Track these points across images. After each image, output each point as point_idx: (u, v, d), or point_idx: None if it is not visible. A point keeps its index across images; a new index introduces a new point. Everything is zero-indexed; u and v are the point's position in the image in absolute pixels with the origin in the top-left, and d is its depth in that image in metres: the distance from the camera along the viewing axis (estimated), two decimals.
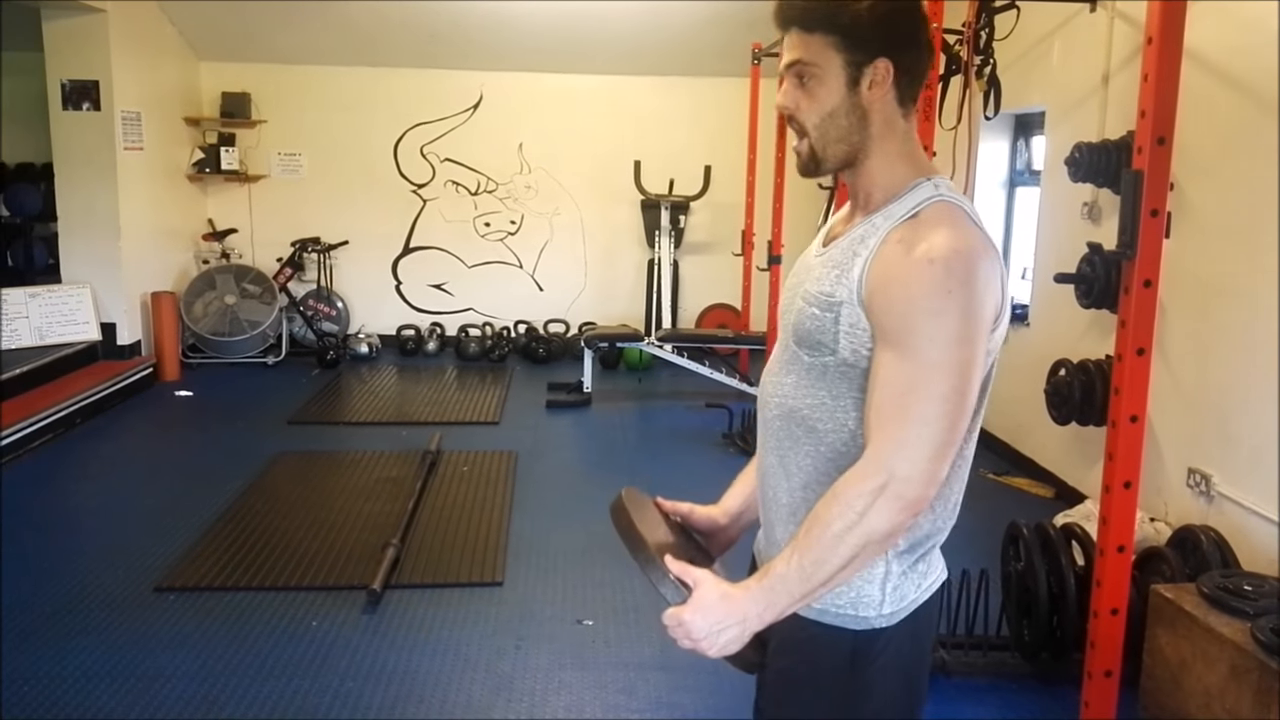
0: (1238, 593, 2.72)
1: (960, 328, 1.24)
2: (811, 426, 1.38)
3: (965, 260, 1.26)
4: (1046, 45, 5.00)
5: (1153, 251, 2.44)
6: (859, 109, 1.35)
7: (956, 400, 1.24)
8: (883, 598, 1.37)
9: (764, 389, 1.50)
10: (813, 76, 1.35)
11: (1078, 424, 4.29)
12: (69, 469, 5.16)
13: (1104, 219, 4.44)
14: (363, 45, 7.62)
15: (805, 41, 1.35)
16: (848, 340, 1.32)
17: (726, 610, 1.27)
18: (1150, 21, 2.28)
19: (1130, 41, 4.25)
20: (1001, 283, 1.31)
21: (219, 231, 7.75)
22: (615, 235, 8.26)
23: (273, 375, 7.31)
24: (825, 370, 1.36)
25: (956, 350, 1.24)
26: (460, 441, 5.58)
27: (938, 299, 1.24)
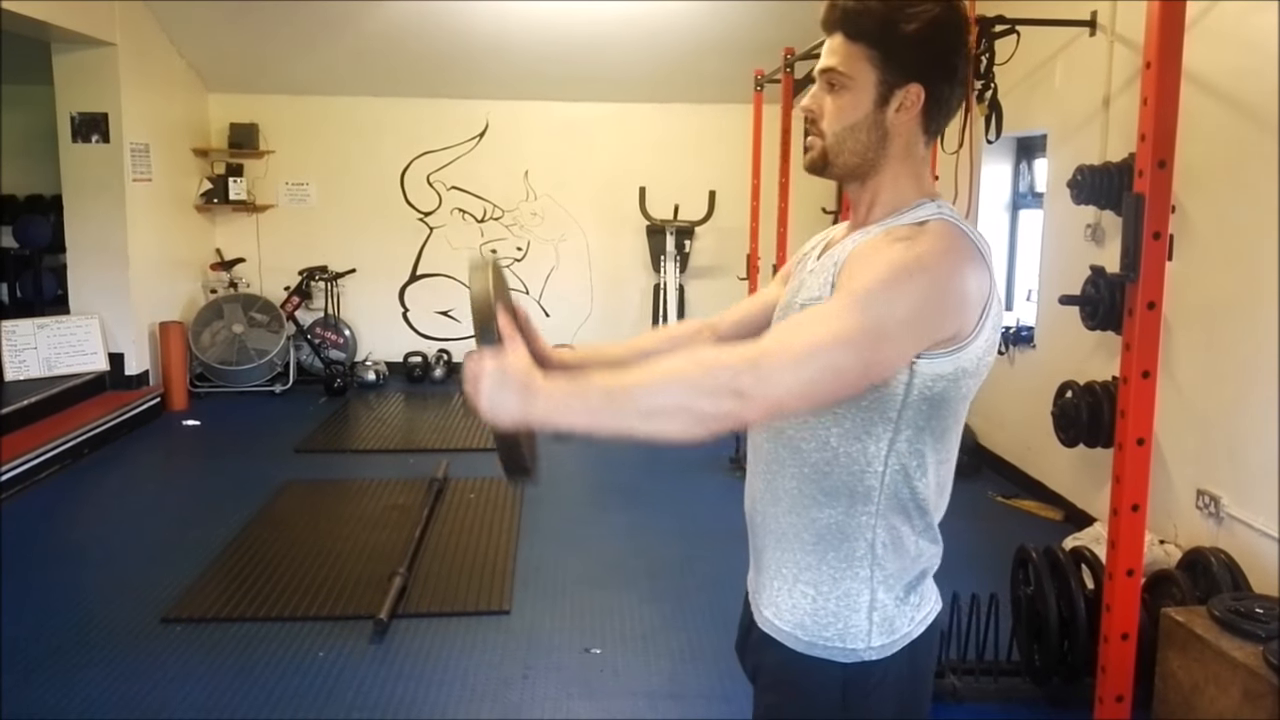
0: (1249, 615, 2.71)
1: (903, 309, 1.20)
2: (796, 446, 1.38)
3: (943, 261, 1.25)
4: (1047, 69, 5.02)
5: (1156, 274, 2.44)
6: (881, 128, 1.34)
7: (854, 364, 1.18)
8: (870, 628, 1.35)
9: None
10: (843, 87, 1.35)
11: (1085, 446, 4.28)
12: (76, 500, 5.18)
13: (1107, 240, 4.45)
14: (370, 75, 7.69)
15: (845, 50, 1.34)
16: None
17: (524, 377, 1.19)
18: (1148, 46, 2.29)
19: (1130, 64, 4.26)
20: (985, 305, 1.29)
21: (227, 261, 7.79)
22: (621, 260, 8.29)
23: (280, 404, 7.33)
24: None
25: (886, 322, 1.19)
26: (467, 468, 5.58)
27: (897, 273, 1.22)
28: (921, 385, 1.29)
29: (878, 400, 1.30)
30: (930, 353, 1.26)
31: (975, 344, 1.29)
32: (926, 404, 1.30)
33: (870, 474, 1.33)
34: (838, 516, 1.35)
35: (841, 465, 1.33)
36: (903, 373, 1.27)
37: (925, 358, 1.27)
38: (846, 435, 1.33)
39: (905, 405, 1.30)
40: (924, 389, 1.29)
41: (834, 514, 1.35)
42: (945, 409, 1.33)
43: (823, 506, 1.36)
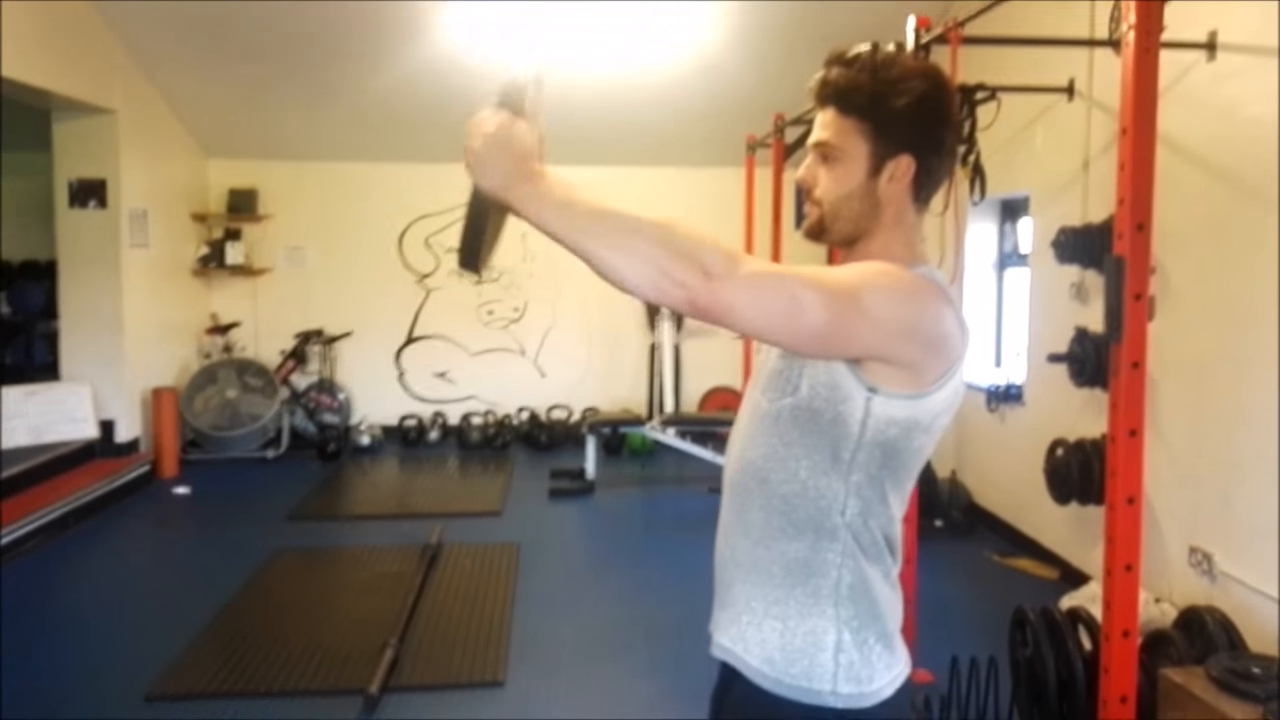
0: (1247, 676, 2.69)
1: (887, 304, 1.26)
2: (764, 478, 1.41)
3: (933, 302, 1.32)
4: (1028, 133, 5.12)
5: (1139, 334, 2.46)
6: (873, 197, 1.40)
7: (816, 311, 1.19)
8: (836, 669, 1.36)
9: (727, 452, 1.53)
10: (837, 159, 1.41)
11: (1078, 503, 4.28)
12: (61, 572, 5.10)
13: (1091, 299, 4.49)
14: (369, 140, 7.79)
15: (838, 123, 1.40)
16: (809, 377, 1.35)
17: (527, 151, 1.23)
18: (1124, 112, 2.35)
19: (1108, 129, 4.36)
20: (954, 365, 1.34)
21: (222, 326, 7.82)
22: (617, 320, 8.33)
23: (273, 470, 7.30)
24: (779, 415, 1.39)
25: (868, 301, 1.24)
26: (462, 534, 5.55)
27: (895, 284, 1.29)
28: (875, 428, 1.32)
29: (837, 436, 1.34)
30: (889, 391, 1.31)
31: (934, 398, 1.33)
32: (879, 450, 1.34)
33: (835, 511, 1.36)
34: (804, 551, 1.38)
35: (810, 499, 1.36)
36: (858, 410, 1.32)
37: (883, 395, 1.31)
38: (815, 469, 1.36)
39: (859, 446, 1.34)
40: (877, 432, 1.33)
41: (801, 548, 1.38)
42: (896, 460, 1.36)
43: (791, 539, 1.38)
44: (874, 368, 1.30)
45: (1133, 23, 2.30)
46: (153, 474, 6.85)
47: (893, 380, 1.30)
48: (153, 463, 6.89)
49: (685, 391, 8.10)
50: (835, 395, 1.33)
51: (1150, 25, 2.31)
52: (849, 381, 1.32)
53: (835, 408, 1.33)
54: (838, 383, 1.33)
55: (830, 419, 1.34)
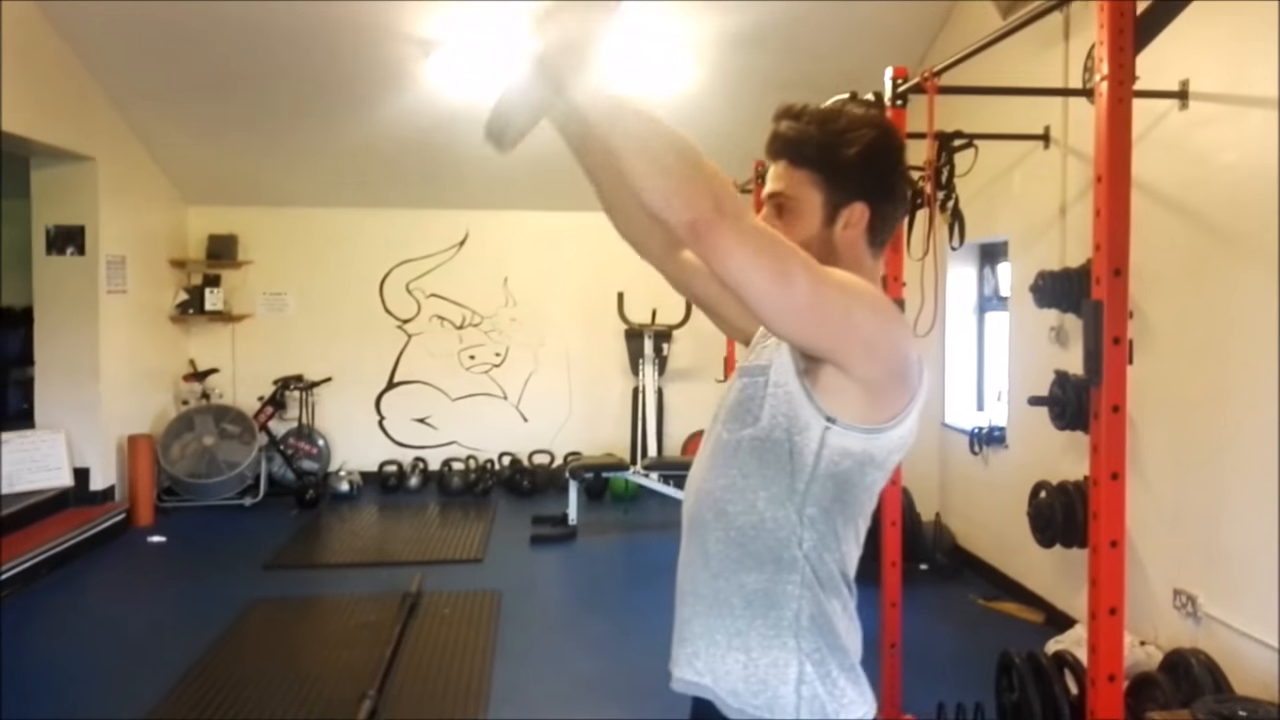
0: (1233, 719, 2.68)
1: (865, 312, 1.29)
2: (722, 509, 1.42)
3: (898, 323, 1.35)
4: (1006, 179, 5.18)
5: (1118, 378, 2.47)
6: (830, 245, 1.42)
7: (800, 281, 1.22)
8: (798, 702, 1.36)
9: (686, 486, 1.54)
10: (792, 210, 1.43)
11: (1062, 546, 4.28)
12: (34, 623, 4.99)
13: (1071, 342, 4.53)
14: (350, 187, 7.81)
15: (791, 175, 1.44)
16: (771, 405, 1.38)
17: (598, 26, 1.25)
18: (1099, 160, 2.37)
19: (1083, 175, 4.42)
20: (910, 402, 1.36)
21: (200, 372, 7.76)
22: (600, 365, 8.33)
23: (250, 517, 7.20)
24: (739, 447, 1.41)
25: (852, 294, 1.28)
26: (442, 581, 5.49)
27: (867, 284, 1.33)
28: (829, 459, 1.34)
29: (793, 467, 1.35)
30: (846, 423, 1.33)
31: (890, 434, 1.35)
32: (832, 482, 1.36)
33: (793, 543, 1.37)
34: (764, 582, 1.38)
35: (768, 530, 1.37)
36: (814, 441, 1.34)
37: (840, 426, 1.33)
38: (772, 500, 1.37)
39: (813, 478, 1.35)
40: (831, 464, 1.34)
41: (760, 579, 1.38)
42: (849, 494, 1.37)
43: (749, 570, 1.39)
44: (832, 390, 1.32)
45: (1106, 73, 2.33)
46: (127, 522, 6.76)
47: (850, 407, 1.32)
48: (128, 511, 6.80)
49: (668, 435, 8.08)
50: (793, 425, 1.35)
51: (1123, 75, 2.34)
52: (807, 410, 1.34)
53: (792, 438, 1.35)
54: (796, 412, 1.35)
55: (787, 449, 1.36)
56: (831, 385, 1.33)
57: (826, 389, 1.33)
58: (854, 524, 1.41)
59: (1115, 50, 2.35)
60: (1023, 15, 3.37)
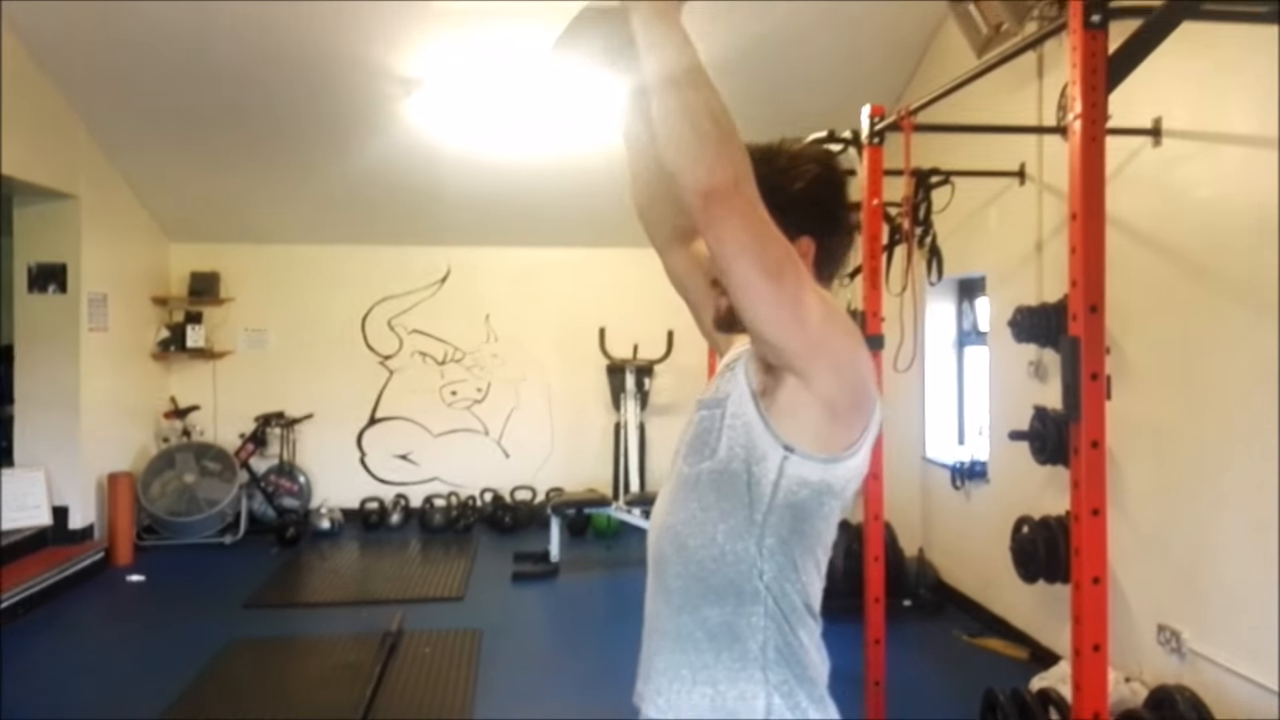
0: None
1: (836, 322, 1.33)
2: (682, 544, 1.42)
3: (864, 352, 1.37)
4: (983, 215, 5.23)
5: (1097, 413, 2.48)
6: None
7: (788, 278, 1.26)
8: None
9: (650, 522, 1.55)
10: None
11: (1045, 581, 4.27)
12: (11, 663, 4.89)
13: (1050, 377, 4.55)
14: (332, 224, 7.82)
15: None
16: (728, 436, 1.38)
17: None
18: (1073, 197, 2.40)
19: (1059, 211, 4.47)
20: (866, 428, 1.38)
21: (181, 409, 7.71)
22: (582, 400, 8.32)
23: (230, 556, 7.13)
24: (698, 480, 1.41)
25: (828, 307, 1.32)
26: (423, 620, 5.44)
27: (842, 310, 1.37)
28: (787, 488, 1.35)
29: (751, 498, 1.36)
30: (805, 451, 1.34)
31: (848, 464, 1.37)
32: (789, 511, 1.36)
33: (754, 574, 1.37)
34: (727, 615, 1.38)
35: (728, 564, 1.37)
36: (772, 471, 1.35)
37: (799, 455, 1.34)
38: (731, 533, 1.38)
39: (770, 509, 1.36)
40: (789, 494, 1.35)
41: (723, 612, 1.38)
42: (807, 524, 1.38)
43: (711, 605, 1.39)
44: (790, 411, 1.33)
45: (1079, 111, 2.36)
46: (106, 561, 6.69)
47: (808, 433, 1.33)
48: (107, 550, 6.73)
49: (650, 471, 8.04)
50: (751, 455, 1.36)
51: (1096, 114, 2.37)
52: (765, 440, 1.35)
53: (750, 468, 1.36)
54: (754, 442, 1.36)
55: (745, 481, 1.36)
56: (790, 406, 1.34)
57: (785, 412, 1.34)
58: (813, 554, 1.41)
59: (1088, 89, 2.39)
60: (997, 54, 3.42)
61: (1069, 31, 2.43)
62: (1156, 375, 3.85)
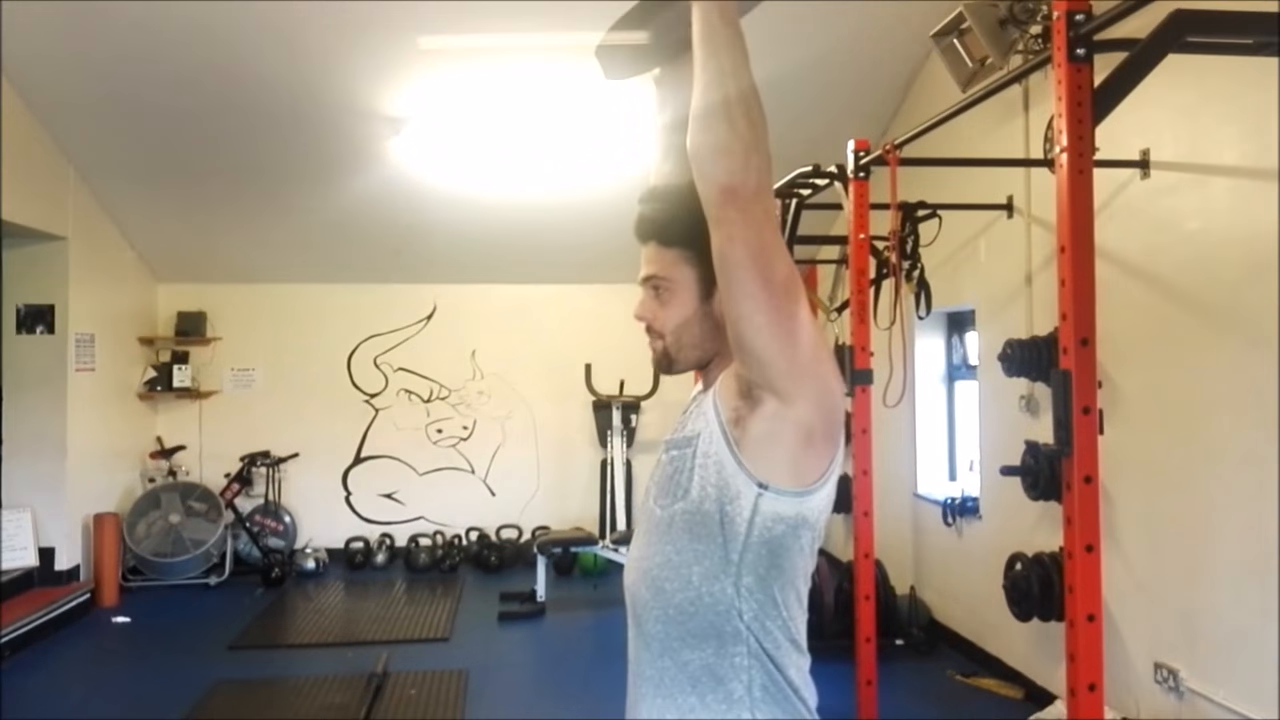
0: None
1: (823, 348, 1.33)
2: (659, 587, 1.39)
3: (838, 372, 1.38)
4: (971, 248, 5.22)
5: (1089, 448, 2.46)
6: (711, 319, 1.44)
7: (784, 284, 1.26)
8: None
9: (626, 564, 1.52)
10: (667, 290, 1.46)
11: (1040, 619, 4.22)
12: None
13: (1042, 411, 4.52)
14: (319, 263, 7.81)
15: (661, 256, 1.46)
16: (700, 477, 1.36)
17: None
18: (1061, 230, 2.39)
19: (1048, 243, 4.45)
20: (833, 460, 1.37)
21: (167, 449, 7.64)
22: (568, 437, 8.27)
23: (215, 597, 7.04)
24: (671, 522, 1.39)
25: (818, 333, 1.33)
26: (409, 661, 5.36)
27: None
28: (762, 525, 1.33)
29: (726, 537, 1.34)
30: (779, 487, 1.32)
31: (819, 494, 1.35)
32: (765, 548, 1.34)
33: (733, 615, 1.35)
34: (709, 658, 1.36)
35: (705, 605, 1.35)
36: (746, 509, 1.33)
37: (773, 491, 1.32)
38: (707, 574, 1.35)
39: (746, 546, 1.33)
40: (764, 530, 1.33)
41: (704, 655, 1.36)
42: (784, 559, 1.36)
43: (692, 648, 1.37)
44: (763, 441, 1.32)
45: (1065, 144, 2.36)
46: (92, 603, 6.61)
47: (781, 466, 1.32)
48: (92, 591, 6.65)
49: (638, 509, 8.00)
50: (724, 495, 1.34)
51: (1083, 146, 2.37)
52: (738, 478, 1.33)
53: (723, 508, 1.34)
54: (727, 481, 1.34)
55: (718, 520, 1.34)
56: (764, 434, 1.32)
57: (758, 442, 1.33)
58: (793, 587, 1.39)
59: (1074, 122, 2.39)
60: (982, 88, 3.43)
61: (1054, 65, 2.44)
62: (1149, 408, 3.82)
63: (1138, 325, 3.83)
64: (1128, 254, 3.88)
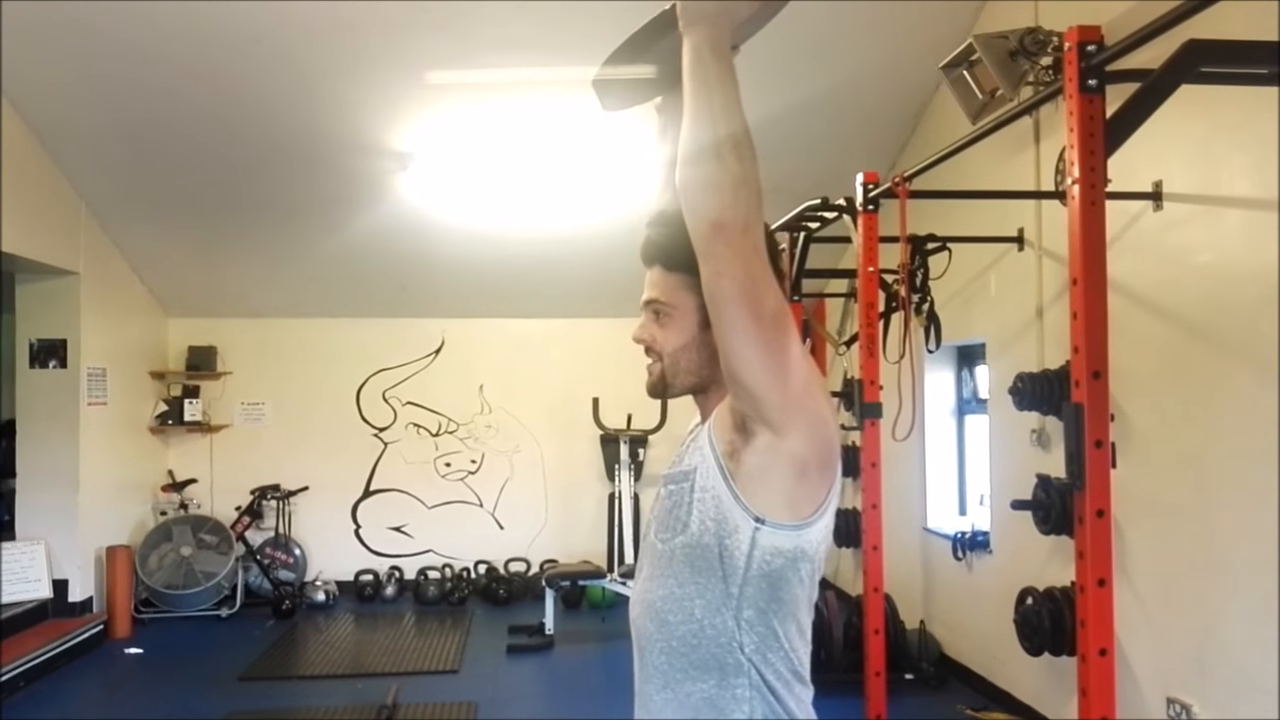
0: None
1: (810, 373, 1.33)
2: (663, 620, 1.40)
3: (831, 411, 1.38)
4: (982, 281, 5.22)
5: (1101, 482, 2.47)
6: (708, 346, 1.43)
7: (771, 309, 1.26)
8: None
9: (631, 598, 1.52)
10: (669, 314, 1.46)
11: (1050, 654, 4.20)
12: None
13: (1053, 445, 4.51)
14: (328, 298, 7.86)
15: (665, 280, 1.46)
16: (699, 511, 1.37)
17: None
18: (1073, 263, 2.40)
19: (1059, 276, 4.44)
20: (830, 491, 1.37)
21: (178, 482, 7.67)
22: (576, 471, 8.27)
23: (226, 628, 7.04)
24: (673, 556, 1.39)
25: (809, 367, 1.32)
26: (418, 693, 5.34)
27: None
28: (761, 559, 1.33)
29: (725, 570, 1.34)
30: (776, 522, 1.32)
31: (816, 526, 1.36)
32: (765, 581, 1.34)
33: (735, 647, 1.35)
34: (711, 690, 1.36)
35: (708, 638, 1.36)
36: (744, 543, 1.33)
37: (770, 526, 1.32)
38: (709, 607, 1.36)
39: (746, 580, 1.34)
40: (763, 563, 1.34)
41: (707, 688, 1.36)
42: (784, 591, 1.36)
43: (695, 681, 1.37)
44: (759, 476, 1.33)
45: (1078, 176, 2.36)
46: (105, 634, 6.63)
47: (777, 499, 1.33)
48: (105, 623, 6.67)
49: None
50: (722, 529, 1.35)
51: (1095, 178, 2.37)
52: (735, 513, 1.34)
53: (722, 541, 1.35)
54: (725, 515, 1.35)
55: (717, 553, 1.35)
56: (759, 468, 1.33)
57: (753, 476, 1.33)
58: (794, 619, 1.39)
59: (1085, 154, 2.39)
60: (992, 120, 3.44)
61: (1065, 96, 2.43)
62: (1162, 442, 3.80)
63: (1150, 358, 3.81)
64: (1140, 286, 3.85)
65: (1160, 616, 3.82)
